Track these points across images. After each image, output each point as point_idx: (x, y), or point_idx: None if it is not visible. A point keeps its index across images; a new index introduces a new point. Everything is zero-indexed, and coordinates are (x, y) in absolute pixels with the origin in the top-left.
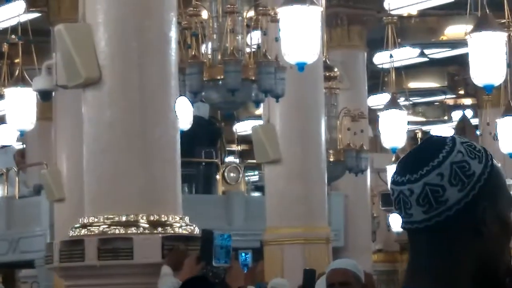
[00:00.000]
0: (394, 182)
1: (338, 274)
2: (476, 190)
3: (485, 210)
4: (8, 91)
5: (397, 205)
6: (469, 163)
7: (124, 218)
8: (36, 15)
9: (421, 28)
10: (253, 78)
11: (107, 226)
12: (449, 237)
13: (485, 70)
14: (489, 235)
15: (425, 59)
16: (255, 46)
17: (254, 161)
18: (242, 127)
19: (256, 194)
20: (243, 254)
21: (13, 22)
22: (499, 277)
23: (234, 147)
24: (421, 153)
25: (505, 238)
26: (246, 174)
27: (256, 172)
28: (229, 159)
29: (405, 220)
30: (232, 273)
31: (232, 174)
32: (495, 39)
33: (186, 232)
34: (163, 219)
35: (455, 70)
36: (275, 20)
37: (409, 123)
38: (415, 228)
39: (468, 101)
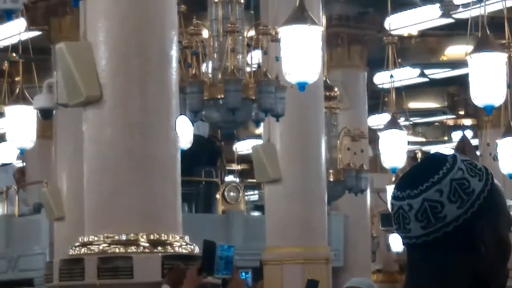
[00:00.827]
0: (394, 197)
1: None
2: (475, 207)
3: (484, 228)
4: (9, 109)
5: (396, 220)
6: (469, 181)
7: (124, 237)
8: (37, 33)
9: (421, 48)
10: (254, 97)
11: (107, 245)
12: (446, 253)
13: (485, 91)
14: (487, 253)
15: (426, 79)
16: (255, 66)
17: (254, 180)
18: (242, 147)
19: (256, 213)
20: (243, 274)
21: (14, 40)
22: None
23: (234, 167)
24: (422, 169)
25: (502, 257)
26: (246, 193)
27: (256, 192)
28: (229, 178)
29: (403, 235)
30: (233, 284)
31: (232, 194)
32: (496, 59)
33: (186, 251)
34: (163, 238)
35: (455, 91)
36: (275, 39)
37: (409, 143)
38: (413, 243)
39: (468, 121)
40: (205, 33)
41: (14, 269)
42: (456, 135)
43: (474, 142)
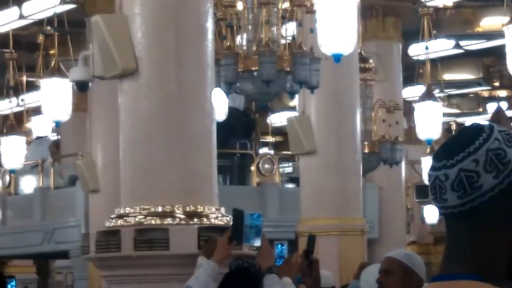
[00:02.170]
0: (431, 168)
1: (384, 261)
2: (511, 177)
3: None
4: (44, 82)
5: (432, 191)
6: (505, 151)
7: (160, 209)
8: (71, 6)
9: (456, 20)
10: (288, 69)
11: (143, 216)
12: (483, 223)
13: None
14: None
15: (460, 51)
16: (290, 38)
17: (289, 152)
18: (276, 119)
19: (290, 185)
20: (278, 246)
21: (49, 13)
22: None
23: (268, 139)
24: (458, 140)
25: None
26: (280, 165)
27: (290, 164)
28: (264, 150)
29: (440, 205)
30: (262, 252)
31: (266, 166)
32: None
33: (222, 223)
34: (199, 210)
35: (490, 62)
36: (310, 11)
37: (444, 115)
38: (450, 213)
39: (503, 92)
40: (239, 5)
41: (50, 241)
42: (491, 107)
43: (509, 113)
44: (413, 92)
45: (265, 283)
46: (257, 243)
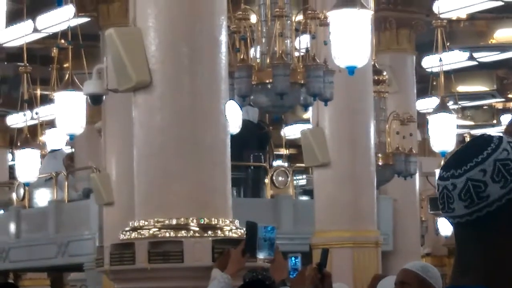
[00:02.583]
0: (439, 177)
1: (399, 273)
2: None
3: None
4: (58, 96)
5: (441, 200)
6: None
7: (174, 222)
8: (85, 19)
9: (470, 32)
10: (302, 82)
11: (157, 229)
12: (490, 233)
13: None
14: None
15: (474, 63)
16: (303, 50)
17: (303, 164)
18: (290, 131)
19: (304, 198)
20: (292, 258)
21: (63, 26)
22: None
23: (282, 151)
24: (467, 150)
25: None
26: (294, 178)
27: (304, 176)
28: (277, 163)
29: (447, 215)
30: (275, 265)
31: (280, 178)
32: None
33: (236, 235)
34: (213, 223)
35: (504, 74)
36: (324, 23)
37: (458, 126)
38: (457, 222)
39: None
40: (253, 18)
41: (64, 254)
42: (505, 119)
43: None
44: (427, 104)
45: None
46: (270, 256)
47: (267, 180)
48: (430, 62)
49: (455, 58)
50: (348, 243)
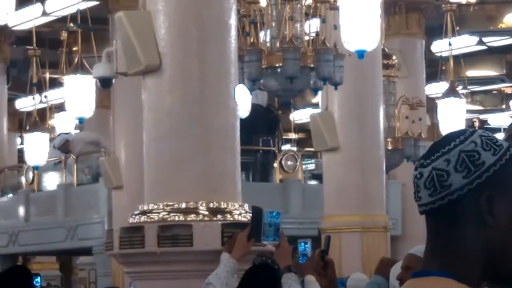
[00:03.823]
0: (414, 167)
1: (405, 258)
2: (483, 179)
3: (492, 200)
4: (67, 79)
5: (414, 189)
6: (480, 153)
7: (183, 205)
8: (94, 3)
9: (479, 16)
10: (312, 66)
11: (166, 213)
12: (454, 223)
13: None
14: (498, 227)
15: (484, 47)
16: (313, 34)
17: (311, 149)
18: (299, 115)
19: (313, 182)
20: (302, 244)
21: (72, 10)
22: (506, 272)
23: (291, 135)
24: (439, 142)
25: None
26: (303, 162)
27: (313, 160)
28: (286, 147)
29: (417, 203)
30: (280, 251)
31: (289, 162)
32: None
33: (245, 219)
34: (222, 206)
35: None
36: (333, 7)
37: (467, 111)
38: (423, 211)
39: None
40: (263, 2)
41: (73, 238)
42: None
43: None
44: (436, 88)
45: (283, 282)
46: (275, 241)
47: (276, 164)
48: (440, 47)
49: (465, 43)
50: (357, 228)
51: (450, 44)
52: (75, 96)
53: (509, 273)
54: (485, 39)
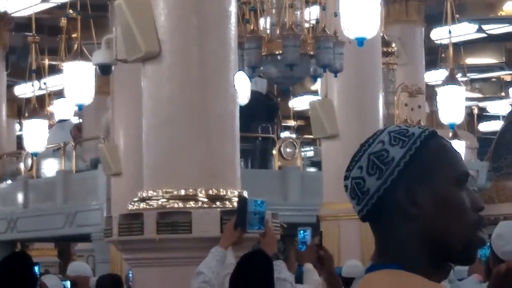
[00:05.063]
0: None
1: None
2: (395, 174)
3: (410, 192)
4: (67, 66)
5: None
6: (388, 151)
7: (183, 192)
8: None
9: (479, 4)
10: (312, 53)
11: (165, 200)
12: (386, 224)
13: None
14: (426, 215)
15: (483, 35)
16: (313, 21)
17: (310, 136)
18: (298, 103)
19: (312, 169)
20: (301, 232)
21: None
22: (456, 252)
23: (290, 123)
24: (356, 151)
25: (452, 215)
26: (302, 149)
27: (312, 148)
28: (285, 134)
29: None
30: (266, 239)
31: (288, 149)
32: None
33: None
34: (221, 193)
35: None
36: None
37: (466, 99)
38: (360, 217)
39: None
40: None
41: (72, 224)
42: None
43: None
44: (435, 76)
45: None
46: (260, 229)
47: (275, 152)
48: (439, 34)
49: (464, 30)
50: (355, 215)
51: (449, 32)
52: (74, 83)
53: (454, 251)
54: (484, 27)
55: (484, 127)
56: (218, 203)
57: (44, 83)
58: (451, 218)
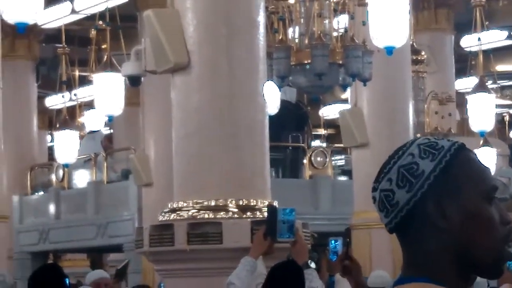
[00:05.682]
0: None
1: None
2: (425, 188)
3: (440, 204)
4: (97, 77)
5: None
6: (418, 164)
7: (213, 203)
8: (123, 1)
9: (509, 10)
10: (341, 62)
11: (196, 210)
12: (414, 237)
13: None
14: (455, 228)
15: None
16: (342, 30)
17: (341, 145)
18: (328, 111)
19: (343, 178)
20: (332, 241)
21: (101, 8)
22: (485, 265)
23: (320, 131)
24: (384, 162)
25: (479, 229)
26: (333, 158)
27: (343, 156)
28: (316, 143)
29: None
30: (296, 248)
31: (319, 158)
32: None
33: None
34: (252, 204)
35: None
36: (362, 3)
37: (497, 106)
38: (388, 229)
39: None
40: None
41: (103, 235)
42: None
43: None
44: (465, 83)
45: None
46: (290, 238)
47: (305, 161)
48: (469, 42)
49: (494, 37)
50: None
51: (479, 39)
52: (104, 94)
53: (482, 265)
54: None
55: None
56: (248, 213)
57: (75, 94)
58: (480, 232)
